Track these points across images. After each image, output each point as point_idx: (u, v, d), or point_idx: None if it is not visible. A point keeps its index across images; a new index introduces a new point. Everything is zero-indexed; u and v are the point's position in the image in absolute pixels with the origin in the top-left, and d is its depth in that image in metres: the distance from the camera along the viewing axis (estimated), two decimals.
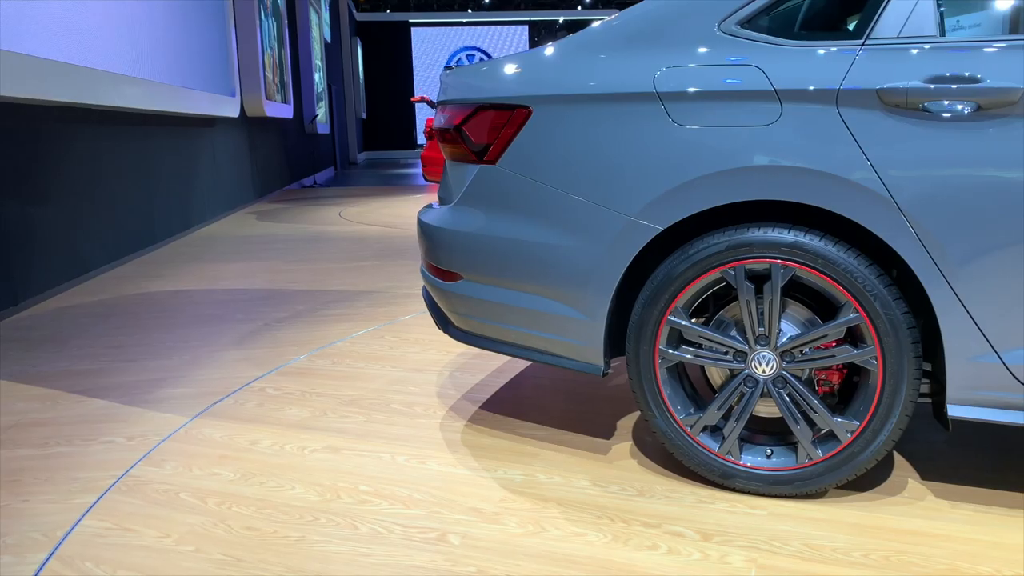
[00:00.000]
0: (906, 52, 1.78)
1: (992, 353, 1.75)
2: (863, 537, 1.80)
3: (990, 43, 1.74)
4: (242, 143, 9.55)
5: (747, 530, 1.84)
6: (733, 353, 1.98)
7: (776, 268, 1.88)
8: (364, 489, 2.11)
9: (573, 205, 2.04)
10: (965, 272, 1.72)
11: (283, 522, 1.95)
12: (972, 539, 1.78)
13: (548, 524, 1.90)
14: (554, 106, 2.07)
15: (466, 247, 2.24)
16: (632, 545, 1.80)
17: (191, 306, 4.35)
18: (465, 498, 2.04)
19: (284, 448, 2.39)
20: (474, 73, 2.32)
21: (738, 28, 1.94)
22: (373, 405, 2.73)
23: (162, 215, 6.63)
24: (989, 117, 1.68)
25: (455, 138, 2.24)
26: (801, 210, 1.94)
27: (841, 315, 1.85)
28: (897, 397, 1.83)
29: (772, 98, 1.83)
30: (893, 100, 1.74)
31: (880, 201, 1.75)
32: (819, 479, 1.93)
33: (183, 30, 7.04)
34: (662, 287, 1.99)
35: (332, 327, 3.79)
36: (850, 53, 1.81)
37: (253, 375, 3.09)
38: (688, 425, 2.03)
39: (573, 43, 2.17)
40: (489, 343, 2.30)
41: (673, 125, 1.92)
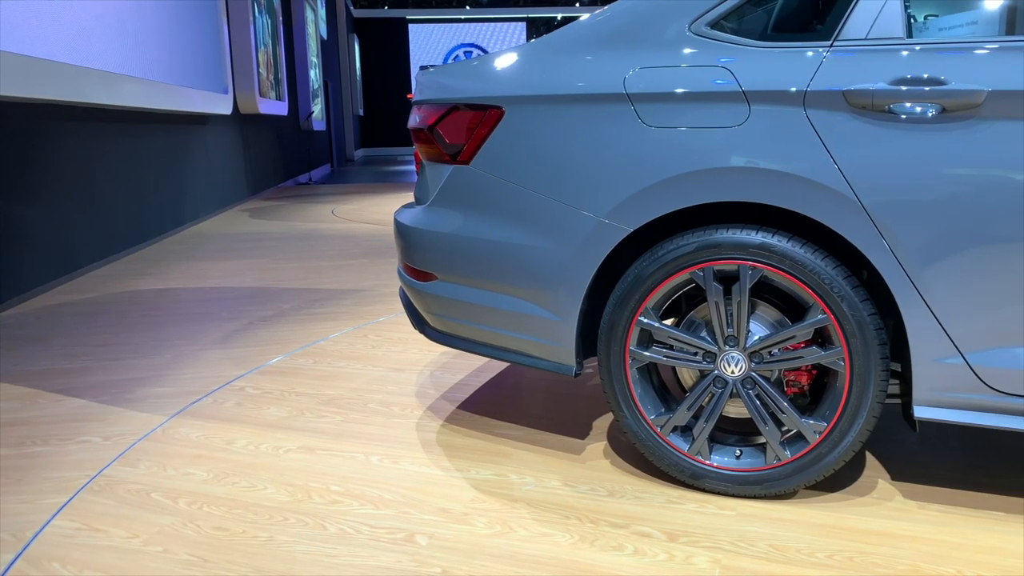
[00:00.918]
0: (873, 54, 1.78)
1: (957, 355, 1.75)
2: (829, 538, 1.80)
3: (955, 46, 1.74)
4: (235, 140, 9.54)
5: (714, 531, 1.85)
6: (703, 354, 1.98)
7: (744, 269, 1.88)
8: (335, 489, 2.11)
9: (545, 206, 2.04)
10: (930, 274, 1.73)
11: (252, 522, 1.95)
12: (936, 540, 1.79)
13: (516, 524, 1.90)
14: (526, 107, 2.07)
15: (440, 247, 2.24)
16: (598, 546, 1.80)
17: (177, 304, 4.35)
18: (435, 498, 2.04)
19: (259, 448, 2.39)
20: (448, 73, 2.32)
21: (708, 29, 1.94)
22: (351, 405, 2.73)
23: (153, 213, 6.63)
24: (953, 119, 1.68)
25: (429, 138, 2.24)
26: (774, 212, 1.95)
27: (809, 316, 1.86)
28: (864, 398, 1.84)
29: (740, 99, 1.83)
30: (859, 102, 1.74)
31: (846, 203, 1.75)
32: (788, 480, 1.94)
33: (175, 27, 7.03)
34: (632, 288, 1.99)
35: (316, 326, 3.79)
36: (818, 55, 1.82)
37: (234, 374, 3.10)
38: (658, 425, 2.04)
39: (545, 44, 2.17)
40: (464, 343, 2.31)
41: (642, 126, 1.92)
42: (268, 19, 11.16)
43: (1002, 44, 1.71)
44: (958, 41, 1.74)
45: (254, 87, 9.62)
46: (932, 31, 2.24)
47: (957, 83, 1.68)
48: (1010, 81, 1.65)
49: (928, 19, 2.29)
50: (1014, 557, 1.71)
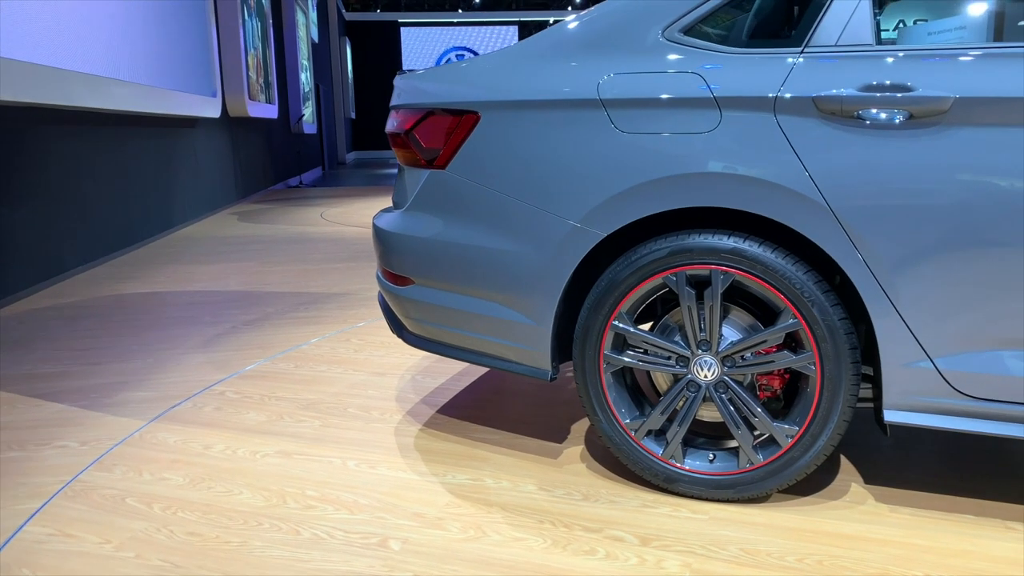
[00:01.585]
0: (842, 60, 1.80)
1: (926, 359, 1.77)
2: (800, 541, 1.81)
3: (923, 52, 1.75)
4: (225, 143, 9.53)
5: (686, 535, 1.86)
6: (676, 358, 1.99)
7: (716, 274, 1.89)
8: (311, 494, 2.11)
9: (520, 211, 2.05)
10: (899, 278, 1.74)
11: (226, 527, 1.95)
12: (907, 543, 1.80)
13: (490, 529, 1.91)
14: (502, 112, 2.08)
15: (416, 251, 2.25)
16: (570, 550, 1.81)
17: (161, 308, 4.34)
18: (410, 503, 2.05)
19: (237, 453, 2.39)
20: (425, 78, 2.32)
21: (681, 36, 1.95)
22: (330, 409, 2.73)
23: (141, 216, 6.62)
24: (921, 125, 1.70)
25: (406, 143, 2.24)
26: (750, 217, 1.96)
27: (780, 321, 1.87)
28: (835, 402, 1.85)
29: (711, 105, 1.84)
30: (829, 108, 1.75)
31: (816, 208, 1.76)
32: (760, 483, 1.95)
33: (162, 30, 7.02)
34: (607, 292, 2.00)
35: (299, 330, 3.79)
36: (788, 61, 1.83)
37: (215, 379, 3.09)
38: (633, 429, 2.04)
39: (521, 49, 2.18)
40: (441, 348, 2.31)
41: (616, 132, 1.93)
42: (258, 22, 11.15)
43: (969, 51, 1.73)
44: (926, 48, 1.76)
45: (243, 90, 9.60)
46: (905, 38, 2.26)
47: (924, 90, 1.69)
48: (976, 88, 1.66)
49: (901, 26, 2.31)
50: (982, 560, 1.72)
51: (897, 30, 3.73)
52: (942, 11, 3.70)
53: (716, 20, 2.01)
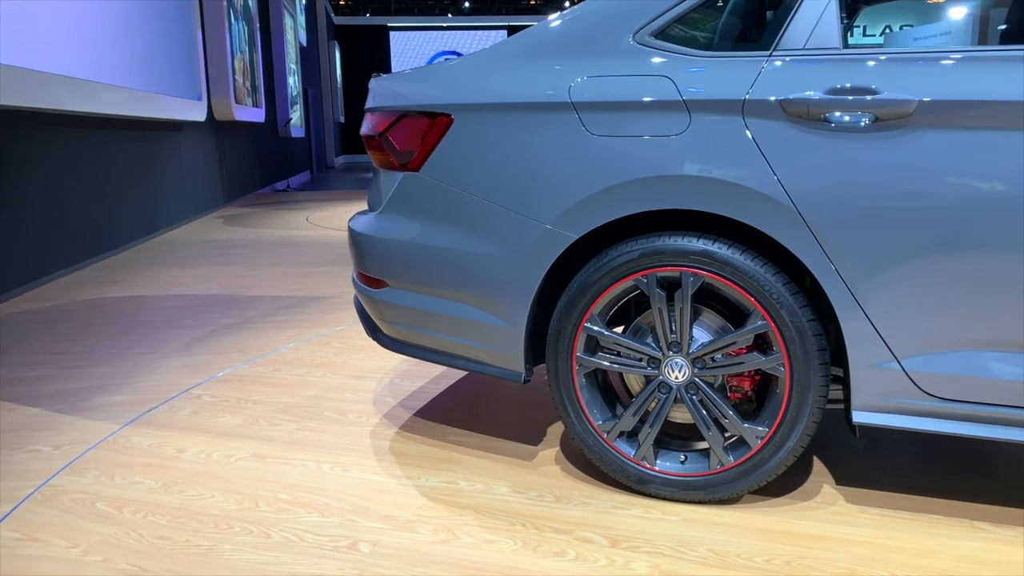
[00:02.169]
0: (810, 64, 1.81)
1: (893, 360, 1.78)
2: (768, 542, 1.82)
3: (889, 56, 1.77)
4: (210, 147, 9.49)
5: (656, 536, 1.86)
6: (647, 360, 2.00)
7: (686, 276, 1.90)
8: (283, 497, 2.10)
9: (492, 213, 2.05)
10: (865, 280, 1.75)
11: (196, 531, 1.94)
12: (874, 543, 1.80)
13: (461, 531, 1.91)
14: (475, 114, 2.08)
15: (390, 254, 2.24)
16: (540, 552, 1.81)
17: (142, 312, 4.32)
18: (383, 506, 2.04)
19: (211, 456, 2.38)
20: (399, 80, 2.33)
21: (652, 39, 1.96)
22: (307, 413, 2.72)
23: (124, 220, 6.58)
24: (886, 128, 1.71)
25: (380, 145, 2.24)
26: (721, 219, 1.96)
27: (749, 322, 1.87)
28: (804, 403, 1.86)
29: (681, 108, 1.85)
30: (796, 111, 1.76)
31: (784, 211, 1.77)
32: (731, 485, 1.95)
33: (146, 34, 7.00)
34: (579, 295, 2.00)
35: (279, 333, 3.77)
36: (757, 64, 1.84)
37: (192, 382, 3.08)
38: (605, 431, 2.05)
39: (494, 52, 2.18)
40: (416, 351, 2.31)
41: (587, 135, 1.94)
42: (244, 25, 11.13)
43: (934, 55, 1.74)
44: (891, 51, 1.77)
45: (230, 94, 9.58)
46: (891, 43, 2.27)
47: (889, 93, 1.70)
48: (940, 91, 1.68)
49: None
50: (949, 560, 1.73)
51: (883, 35, 3.73)
52: (914, 17, 3.71)
53: (687, 23, 2.03)
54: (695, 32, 2.07)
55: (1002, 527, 1.86)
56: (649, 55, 1.94)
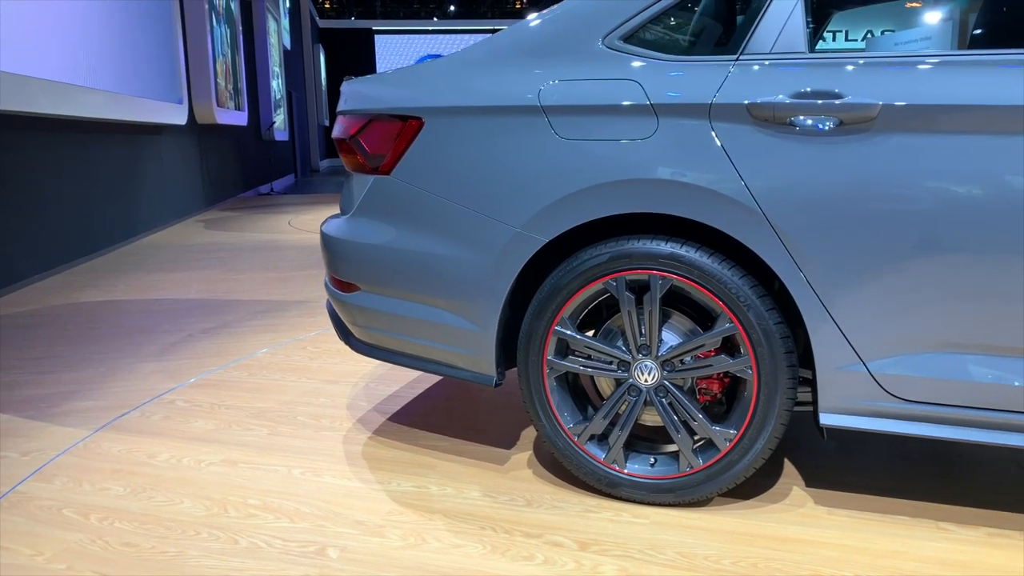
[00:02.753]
0: (776, 68, 1.82)
1: (859, 362, 1.79)
2: (736, 544, 1.82)
3: (853, 60, 1.78)
4: (192, 150, 9.44)
5: (625, 539, 1.86)
6: (617, 363, 2.00)
7: (655, 279, 1.90)
8: (253, 503, 2.09)
9: (463, 216, 2.05)
10: (831, 283, 1.76)
11: (163, 537, 1.92)
12: (841, 544, 1.81)
13: (430, 536, 1.90)
14: (445, 118, 2.08)
15: (361, 258, 2.24)
16: (509, 556, 1.80)
17: (118, 316, 4.28)
18: (353, 511, 2.03)
19: (181, 462, 2.36)
20: (370, 83, 2.32)
21: (621, 43, 1.96)
22: (280, 417, 2.70)
23: (102, 224, 6.53)
24: (850, 132, 1.72)
25: (351, 148, 2.24)
26: (691, 222, 1.97)
27: (717, 325, 1.88)
28: (772, 406, 1.86)
29: (649, 112, 1.86)
30: (762, 115, 1.77)
31: (750, 214, 1.78)
32: (700, 487, 1.96)
33: (126, 37, 6.95)
34: (549, 298, 2.00)
35: (256, 338, 3.75)
36: (724, 68, 1.85)
37: (166, 387, 3.05)
38: (576, 434, 2.05)
39: (465, 56, 2.18)
40: (388, 355, 2.30)
41: (556, 138, 1.94)
42: (227, 28, 11.08)
43: (897, 59, 1.76)
44: (855, 56, 1.79)
45: (211, 97, 9.53)
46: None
47: (853, 96, 1.72)
48: (902, 95, 1.69)
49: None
50: (911, 560, 1.74)
51: (865, 39, 3.72)
52: (894, 22, 3.74)
53: (656, 28, 2.03)
54: (664, 36, 2.08)
55: (965, 527, 1.87)
56: (618, 59, 1.95)
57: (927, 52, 1.89)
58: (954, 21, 3.65)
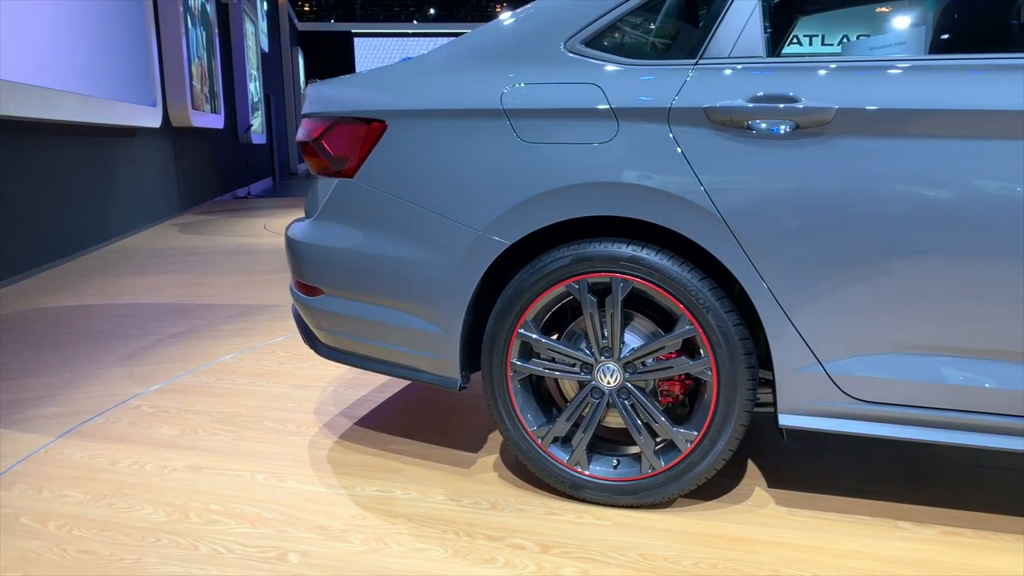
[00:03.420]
0: (734, 72, 1.84)
1: (817, 364, 1.80)
2: (697, 546, 1.83)
3: (809, 65, 1.80)
4: (166, 154, 9.35)
5: (587, 541, 1.86)
6: (580, 365, 2.01)
7: (616, 282, 1.91)
8: (215, 508, 2.07)
9: (426, 219, 2.05)
10: (788, 285, 1.78)
11: (122, 544, 1.90)
12: (800, 544, 1.83)
13: (392, 540, 1.89)
14: (408, 121, 2.08)
15: (325, 261, 2.23)
16: (470, 559, 1.80)
17: (86, 322, 4.23)
18: (316, 516, 2.02)
19: (144, 468, 2.34)
20: (334, 86, 2.32)
21: (582, 47, 1.97)
22: (246, 422, 2.68)
23: (72, 228, 6.45)
24: (806, 136, 1.74)
25: (315, 151, 2.23)
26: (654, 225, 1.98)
27: (677, 327, 1.89)
28: (732, 407, 1.88)
29: (609, 116, 1.87)
30: (719, 119, 1.79)
31: (709, 217, 1.80)
32: (662, 489, 1.96)
33: (97, 39, 6.88)
34: (512, 301, 2.01)
35: (226, 342, 3.72)
36: (683, 73, 1.86)
37: (132, 393, 3.02)
38: (539, 436, 2.05)
39: (428, 59, 2.19)
40: (353, 359, 2.29)
41: (519, 141, 1.95)
42: (203, 31, 11.00)
43: (852, 63, 1.78)
44: (812, 60, 1.81)
45: (186, 100, 9.45)
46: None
47: (808, 101, 1.74)
48: (857, 99, 1.71)
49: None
50: (868, 559, 1.76)
51: (841, 44, 3.75)
52: (869, 27, 3.78)
53: (617, 32, 2.04)
54: (625, 41, 2.09)
55: (922, 526, 1.90)
56: (579, 63, 1.95)
57: (885, 57, 1.91)
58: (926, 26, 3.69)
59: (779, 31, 2.79)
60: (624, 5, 1.96)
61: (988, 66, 1.70)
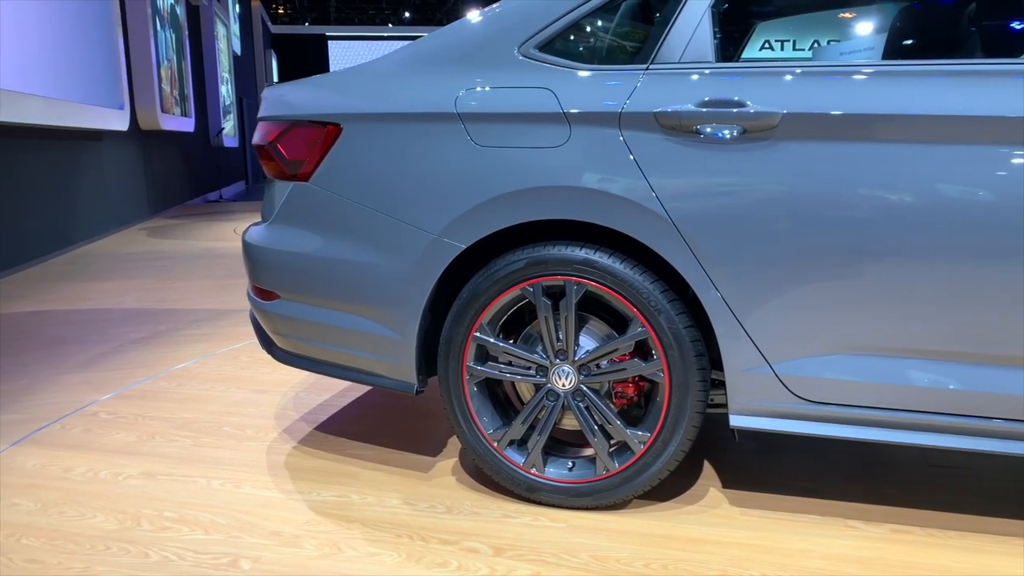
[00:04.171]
0: (683, 77, 1.86)
1: (765, 365, 1.83)
2: (649, 546, 1.85)
3: (757, 70, 1.82)
4: (135, 157, 9.24)
5: (541, 543, 1.87)
6: (536, 368, 2.01)
7: (570, 285, 1.92)
8: (168, 515, 2.05)
9: (381, 223, 2.04)
10: (737, 288, 1.80)
11: (71, 553, 1.87)
12: (750, 544, 1.85)
13: (346, 545, 1.88)
14: (363, 124, 2.08)
15: (281, 265, 2.22)
16: (424, 564, 1.80)
17: (45, 327, 4.17)
18: (270, 522, 2.01)
19: (98, 475, 2.31)
20: (290, 90, 2.31)
21: (537, 52, 1.98)
22: (205, 428, 2.66)
23: (35, 233, 6.35)
24: (753, 140, 1.76)
25: (270, 154, 2.22)
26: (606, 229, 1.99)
27: (630, 330, 1.91)
28: (684, 408, 1.89)
29: (561, 120, 1.88)
30: (669, 123, 1.81)
31: (659, 221, 1.81)
32: (616, 491, 1.98)
33: (61, 41, 6.79)
34: (468, 304, 2.01)
35: (188, 347, 3.69)
36: (634, 78, 1.88)
37: (89, 399, 2.98)
38: (495, 440, 2.05)
39: (383, 62, 2.19)
40: (310, 364, 2.28)
41: (473, 145, 1.95)
42: (172, 33, 10.89)
43: (799, 68, 1.81)
44: (759, 65, 1.83)
45: (155, 103, 9.36)
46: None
47: (755, 105, 1.76)
48: (802, 104, 1.74)
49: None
50: (817, 558, 1.79)
51: (812, 49, 3.83)
52: (837, 33, 3.84)
53: (571, 37, 2.06)
54: (579, 46, 2.11)
55: (871, 524, 1.92)
56: (533, 67, 1.96)
57: (833, 62, 1.94)
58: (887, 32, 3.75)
59: (736, 37, 2.82)
60: (578, 10, 1.97)
61: (934, 72, 1.73)
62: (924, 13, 2.51)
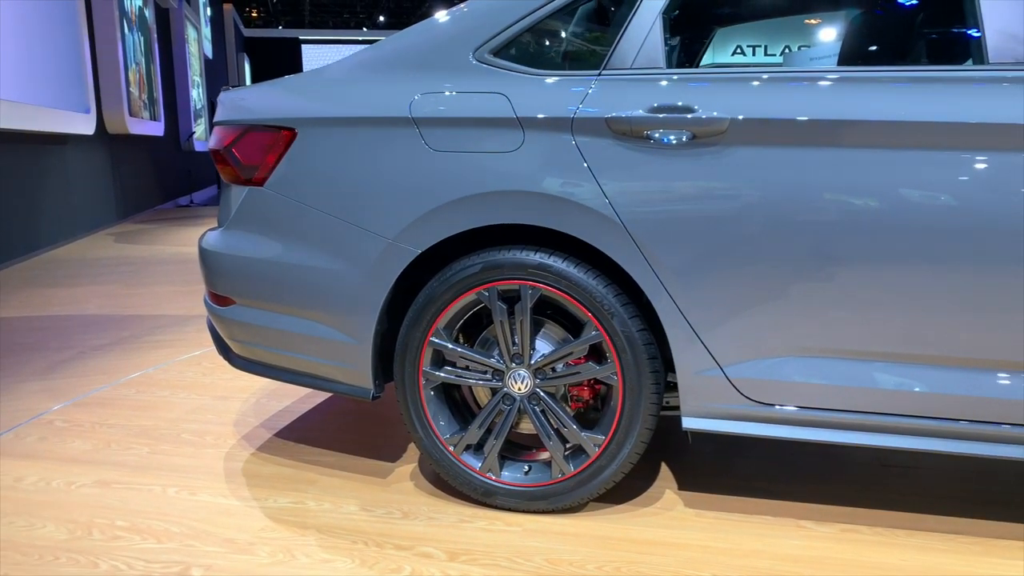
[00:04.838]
0: (635, 83, 1.87)
1: (716, 367, 1.84)
2: (603, 549, 1.85)
3: (707, 76, 1.85)
4: (102, 162, 9.12)
5: (495, 547, 1.87)
6: (492, 372, 2.02)
7: (525, 289, 1.93)
8: (120, 524, 2.02)
9: (336, 228, 2.04)
10: (687, 291, 1.81)
11: (18, 564, 1.84)
12: (703, 545, 1.86)
13: (300, 552, 1.87)
14: (317, 129, 2.07)
15: (236, 270, 2.20)
16: (377, 569, 1.79)
17: (4, 335, 4.10)
18: (224, 529, 1.99)
19: (50, 484, 2.27)
20: (246, 94, 2.30)
21: (491, 57, 1.99)
22: (163, 435, 2.63)
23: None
24: (702, 145, 1.78)
25: (225, 159, 2.20)
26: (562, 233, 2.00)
27: (584, 333, 1.92)
28: (637, 411, 1.90)
29: (515, 125, 1.89)
30: (620, 128, 1.82)
31: (611, 225, 1.83)
32: (571, 494, 1.98)
33: (23, 42, 6.68)
34: (424, 309, 2.01)
35: (150, 354, 3.64)
36: (586, 83, 1.89)
37: (46, 407, 2.93)
38: (452, 444, 2.05)
39: (338, 67, 2.18)
40: (267, 370, 2.27)
41: (427, 150, 1.95)
42: (140, 36, 10.77)
43: (748, 74, 1.83)
44: (708, 72, 1.85)
45: (123, 106, 9.24)
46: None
47: (704, 111, 1.78)
48: (750, 109, 1.76)
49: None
50: (768, 558, 1.80)
51: (783, 54, 3.83)
52: (808, 38, 3.87)
53: (525, 43, 2.07)
54: (533, 51, 2.12)
55: (822, 524, 1.95)
56: (487, 73, 1.97)
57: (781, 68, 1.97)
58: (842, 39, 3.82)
59: (691, 43, 2.84)
60: (532, 15, 1.98)
61: (881, 78, 1.76)
62: (877, 20, 2.56)
